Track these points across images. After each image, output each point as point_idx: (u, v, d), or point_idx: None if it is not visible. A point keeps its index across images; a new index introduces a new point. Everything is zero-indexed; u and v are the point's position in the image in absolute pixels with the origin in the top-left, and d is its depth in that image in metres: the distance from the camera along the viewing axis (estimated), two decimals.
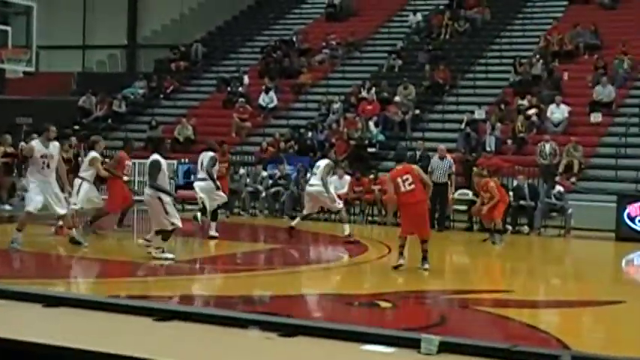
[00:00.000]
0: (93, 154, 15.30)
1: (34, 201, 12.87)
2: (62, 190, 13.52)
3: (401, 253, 11.91)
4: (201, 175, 15.41)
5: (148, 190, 12.48)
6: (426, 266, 11.91)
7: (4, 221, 17.52)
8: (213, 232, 15.51)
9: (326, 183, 16.02)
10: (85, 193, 14.85)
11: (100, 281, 11.54)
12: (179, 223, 12.35)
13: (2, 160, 21.11)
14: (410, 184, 11.53)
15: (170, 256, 12.37)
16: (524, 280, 12.77)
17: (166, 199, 12.28)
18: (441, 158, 18.77)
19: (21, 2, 23.54)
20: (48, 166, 12.86)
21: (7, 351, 5.04)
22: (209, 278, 11.98)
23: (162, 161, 12.53)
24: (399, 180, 11.61)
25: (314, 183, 16.17)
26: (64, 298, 6.32)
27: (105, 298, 7.38)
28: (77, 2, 40.40)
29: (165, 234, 12.42)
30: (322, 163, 16.36)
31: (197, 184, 15.46)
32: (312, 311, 9.49)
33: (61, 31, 38.70)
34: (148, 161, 12.74)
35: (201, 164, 15.37)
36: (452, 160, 18.95)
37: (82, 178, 15.01)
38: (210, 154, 15.37)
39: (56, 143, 13.16)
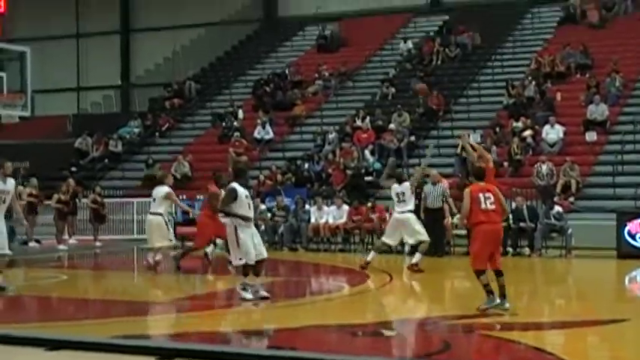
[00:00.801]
0: (166, 188, 15.39)
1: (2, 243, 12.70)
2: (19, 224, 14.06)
3: (490, 292, 10.51)
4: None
5: (224, 219, 12.20)
6: (507, 305, 10.44)
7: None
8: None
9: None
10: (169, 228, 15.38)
11: (100, 322, 11.46)
12: (248, 259, 11.79)
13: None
14: (492, 204, 10.49)
15: (249, 296, 11.78)
16: (527, 302, 12.71)
17: (242, 234, 11.67)
18: (434, 183, 18.72)
19: (14, 49, 23.63)
20: (4, 201, 12.74)
21: None
22: (211, 314, 11.90)
23: (240, 190, 11.79)
24: (481, 196, 10.48)
25: (403, 210, 15.54)
26: (65, 341, 6.29)
27: (106, 339, 7.33)
28: (70, 45, 40.75)
29: (244, 269, 11.95)
30: (407, 190, 15.61)
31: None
32: (316, 343, 9.43)
33: (55, 74, 38.96)
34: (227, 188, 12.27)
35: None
36: (445, 185, 18.85)
37: (159, 214, 15.25)
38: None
39: (12, 180, 12.96)
